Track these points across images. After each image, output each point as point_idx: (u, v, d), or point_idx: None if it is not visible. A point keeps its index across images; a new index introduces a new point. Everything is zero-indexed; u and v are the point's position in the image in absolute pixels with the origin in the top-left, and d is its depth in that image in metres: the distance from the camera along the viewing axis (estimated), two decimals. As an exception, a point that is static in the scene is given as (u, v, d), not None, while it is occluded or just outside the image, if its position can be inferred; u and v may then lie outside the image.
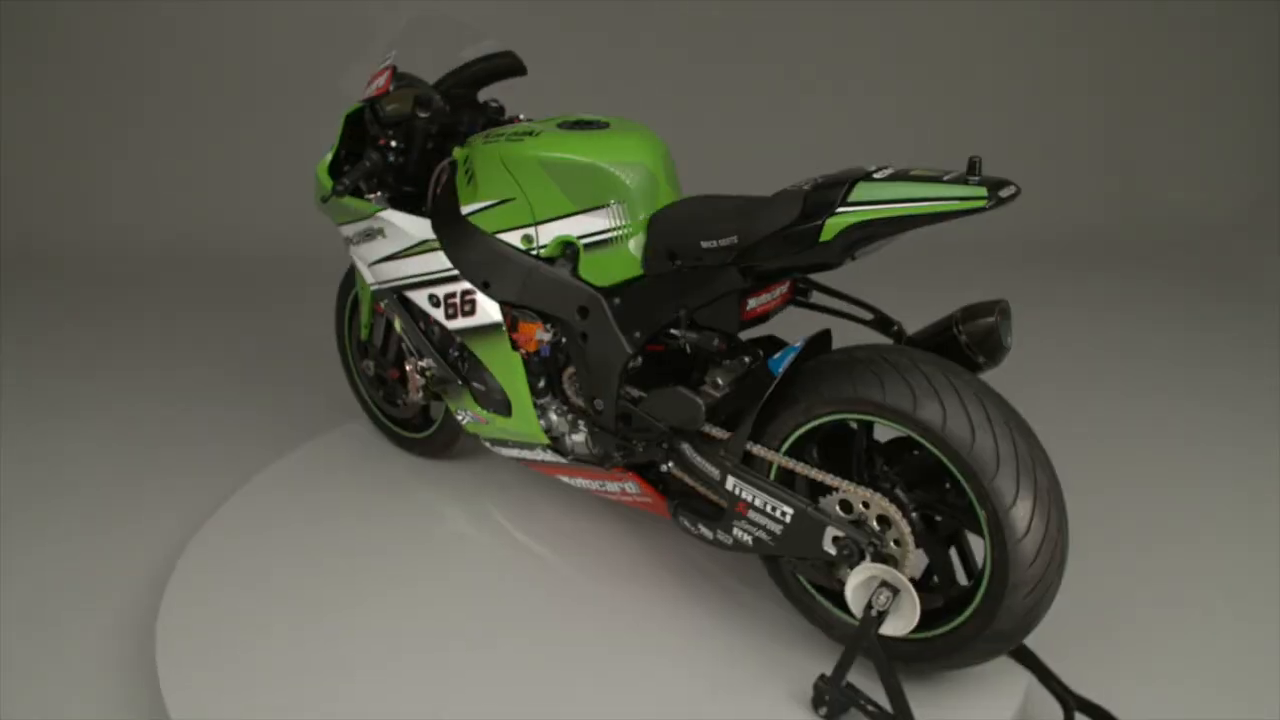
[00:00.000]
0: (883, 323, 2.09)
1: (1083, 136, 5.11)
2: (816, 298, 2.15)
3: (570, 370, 2.23)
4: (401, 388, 2.75)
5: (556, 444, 2.31)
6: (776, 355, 1.93)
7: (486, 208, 2.20)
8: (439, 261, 2.27)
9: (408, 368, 2.63)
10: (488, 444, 2.50)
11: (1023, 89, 5.24)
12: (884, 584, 1.79)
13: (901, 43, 5.50)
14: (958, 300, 2.14)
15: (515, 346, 2.22)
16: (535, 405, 2.26)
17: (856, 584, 1.82)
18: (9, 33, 5.25)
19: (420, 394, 2.65)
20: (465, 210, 2.24)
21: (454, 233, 2.25)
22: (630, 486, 2.22)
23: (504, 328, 2.20)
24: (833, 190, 1.72)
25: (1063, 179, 5.10)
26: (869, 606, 1.81)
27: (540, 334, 2.18)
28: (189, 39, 5.34)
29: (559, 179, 2.08)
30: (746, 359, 2.08)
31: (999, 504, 1.68)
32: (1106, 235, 4.73)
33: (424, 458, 2.85)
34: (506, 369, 2.24)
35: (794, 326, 2.18)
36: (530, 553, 2.40)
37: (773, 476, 1.95)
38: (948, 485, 1.89)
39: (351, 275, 2.85)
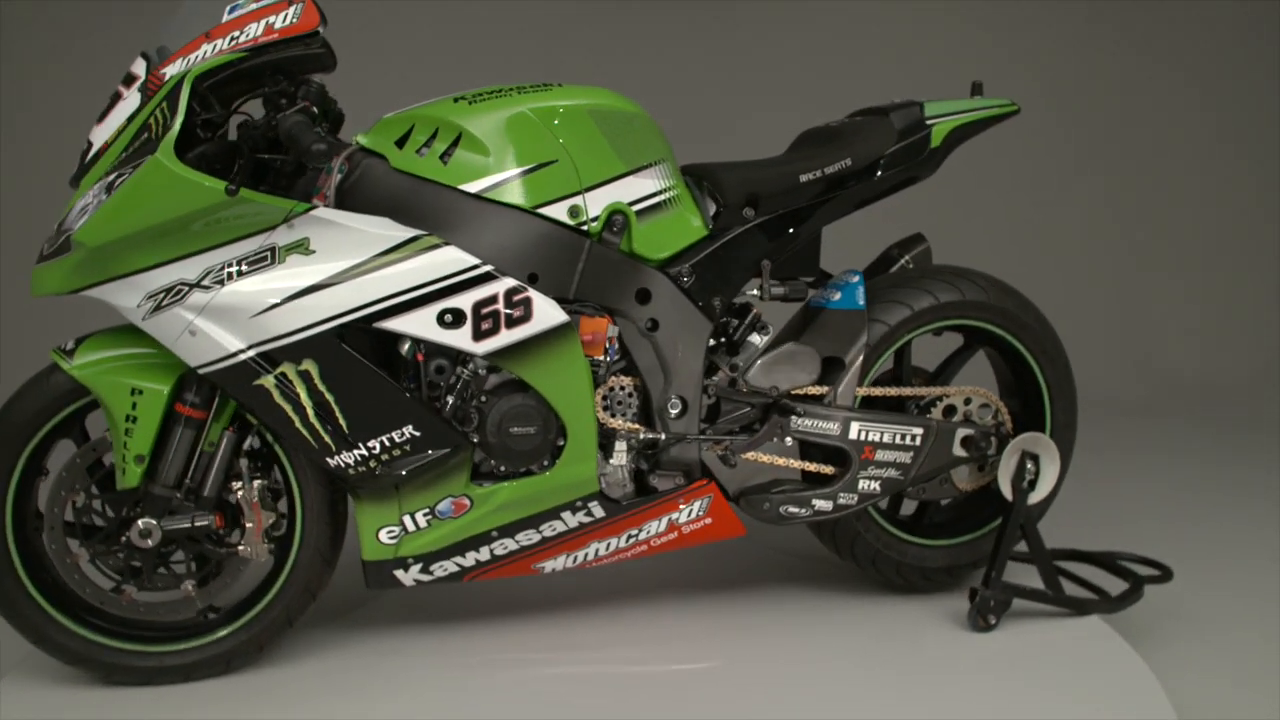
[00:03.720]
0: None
1: (1083, 295, 4.35)
2: None
3: (612, 383, 1.76)
4: (208, 546, 1.65)
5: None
6: (835, 296, 1.92)
7: (513, 177, 1.62)
8: (441, 265, 1.56)
9: (242, 496, 1.64)
10: (410, 572, 1.71)
11: (1023, 239, 4.35)
12: (1025, 455, 1.95)
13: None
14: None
15: None
16: None
17: (1007, 466, 1.93)
18: None
19: (265, 542, 1.68)
20: (476, 187, 1.61)
21: (460, 218, 1.59)
22: (697, 508, 1.84)
23: (574, 327, 1.63)
24: (909, 110, 1.91)
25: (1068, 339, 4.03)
26: (1020, 480, 1.93)
27: (611, 329, 1.69)
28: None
29: (611, 133, 1.70)
30: (758, 316, 1.95)
31: (1055, 355, 2.03)
32: (1117, 396, 3.90)
33: (204, 678, 1.72)
34: (572, 385, 1.64)
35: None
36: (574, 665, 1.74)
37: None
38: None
39: (29, 414, 1.61)
